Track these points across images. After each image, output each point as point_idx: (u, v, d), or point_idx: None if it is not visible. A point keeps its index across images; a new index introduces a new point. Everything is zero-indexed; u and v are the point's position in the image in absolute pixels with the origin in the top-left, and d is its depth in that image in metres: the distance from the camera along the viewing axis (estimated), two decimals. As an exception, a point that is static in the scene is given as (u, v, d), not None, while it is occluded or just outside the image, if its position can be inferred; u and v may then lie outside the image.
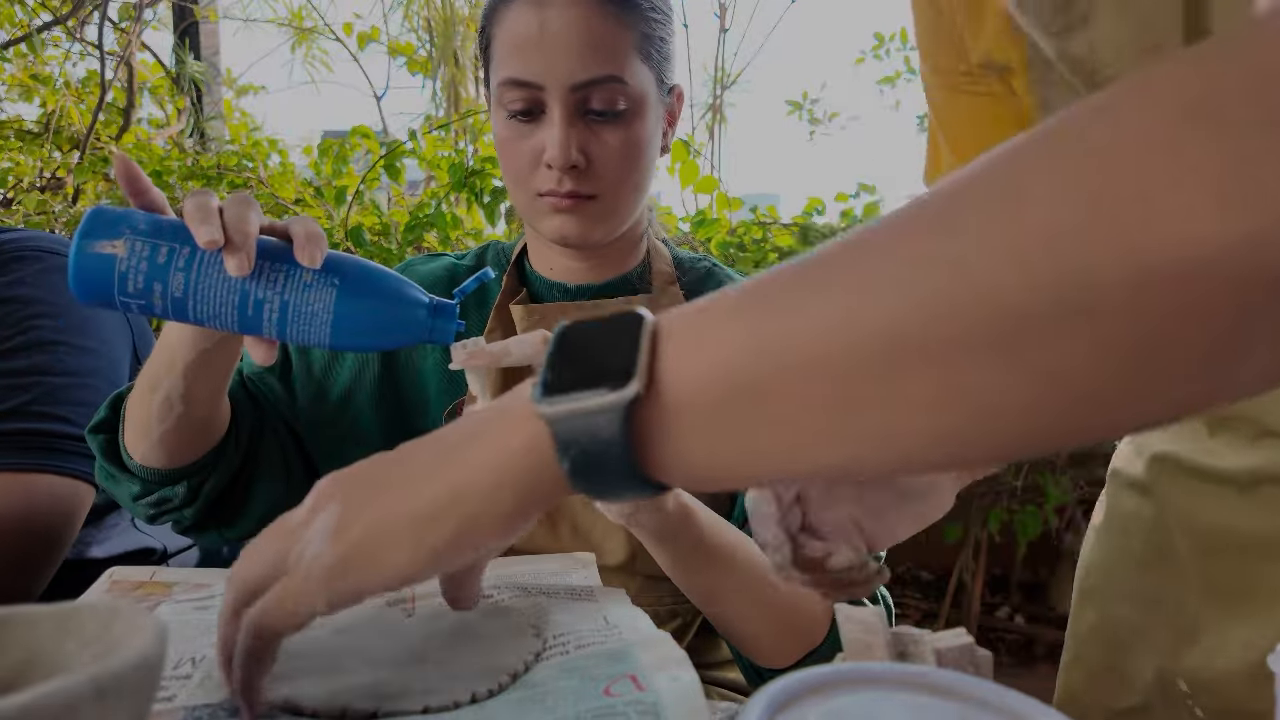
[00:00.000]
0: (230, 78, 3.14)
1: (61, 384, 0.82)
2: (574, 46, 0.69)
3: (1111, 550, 0.70)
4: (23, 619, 0.37)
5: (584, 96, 0.71)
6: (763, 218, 2.10)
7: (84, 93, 2.87)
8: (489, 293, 0.84)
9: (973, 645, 0.35)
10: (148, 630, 0.34)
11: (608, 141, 0.72)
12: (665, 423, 0.32)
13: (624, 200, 0.76)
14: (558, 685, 0.42)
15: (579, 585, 0.58)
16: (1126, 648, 0.67)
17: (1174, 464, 0.66)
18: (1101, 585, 0.71)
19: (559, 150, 0.70)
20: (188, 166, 2.27)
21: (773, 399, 0.30)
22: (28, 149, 2.75)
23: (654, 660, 0.43)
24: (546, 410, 0.33)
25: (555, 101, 0.70)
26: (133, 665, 0.31)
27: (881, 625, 0.35)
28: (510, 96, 0.72)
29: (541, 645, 0.47)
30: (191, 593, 0.58)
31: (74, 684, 0.29)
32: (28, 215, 2.41)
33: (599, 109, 0.71)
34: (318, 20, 3.13)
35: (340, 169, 2.21)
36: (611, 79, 0.70)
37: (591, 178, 0.73)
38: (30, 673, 0.36)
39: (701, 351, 0.32)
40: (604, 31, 0.70)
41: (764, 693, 0.30)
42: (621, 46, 0.71)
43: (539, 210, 0.75)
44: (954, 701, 0.31)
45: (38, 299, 0.85)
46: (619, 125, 0.72)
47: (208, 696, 0.43)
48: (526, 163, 0.73)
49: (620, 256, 0.82)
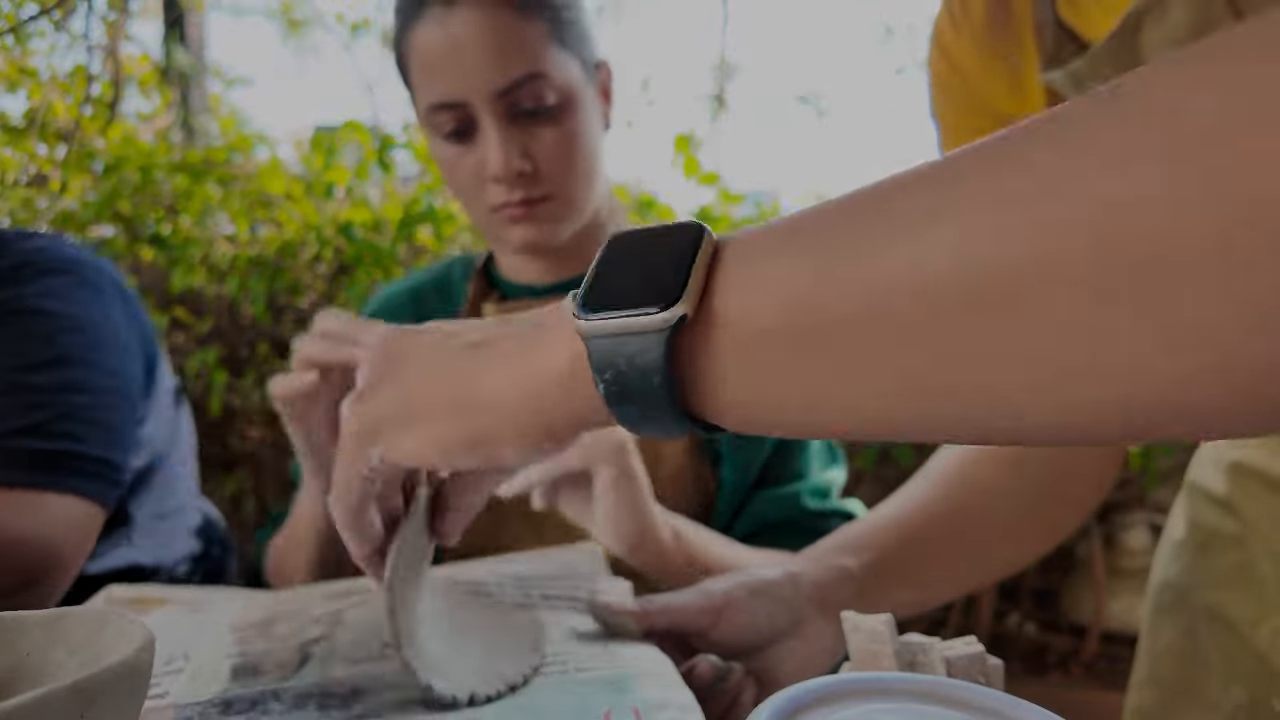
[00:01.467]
0: (218, 71, 3.11)
1: (84, 403, 0.82)
2: (488, 54, 0.68)
3: (1192, 569, 0.66)
4: (10, 625, 0.36)
5: (512, 100, 0.70)
6: (765, 213, 2.09)
7: (70, 86, 2.85)
8: (456, 300, 0.84)
9: (983, 654, 0.35)
10: (135, 637, 0.33)
11: (547, 139, 0.71)
12: (714, 353, 0.29)
13: (578, 193, 0.75)
14: (557, 704, 0.41)
15: (583, 584, 0.57)
16: (1210, 669, 0.63)
17: (1255, 476, 0.61)
18: (1181, 603, 0.67)
19: (501, 162, 0.69)
20: (174, 161, 2.25)
21: (845, 340, 0.26)
22: (13, 143, 2.72)
23: (657, 697, 0.41)
24: (583, 325, 0.30)
25: (484, 114, 0.70)
26: (117, 672, 0.30)
27: (889, 634, 0.34)
28: (439, 120, 0.71)
29: (540, 660, 0.46)
30: (186, 605, 0.57)
31: (57, 691, 0.28)
32: (12, 211, 2.38)
33: (529, 107, 0.70)
34: (308, 11, 3.11)
35: (331, 163, 2.19)
36: (533, 76, 0.69)
37: (540, 180, 0.72)
38: (18, 679, 0.35)
39: (765, 278, 0.28)
40: (513, 30, 0.69)
41: (770, 703, 0.30)
42: (535, 40, 0.70)
43: (498, 224, 0.74)
44: (964, 712, 0.31)
45: (67, 314, 0.84)
46: (554, 120, 0.71)
47: (197, 694, 0.42)
48: (473, 182, 0.73)
49: (588, 249, 0.81)
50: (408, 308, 0.84)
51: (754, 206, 2.13)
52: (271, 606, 0.55)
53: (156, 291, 2.33)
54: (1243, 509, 0.63)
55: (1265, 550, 0.61)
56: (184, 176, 2.19)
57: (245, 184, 2.20)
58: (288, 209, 2.19)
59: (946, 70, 0.61)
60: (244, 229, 2.21)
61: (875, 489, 1.95)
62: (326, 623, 0.50)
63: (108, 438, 0.82)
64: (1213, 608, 0.64)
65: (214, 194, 2.17)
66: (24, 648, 0.36)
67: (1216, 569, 0.64)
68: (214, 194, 2.17)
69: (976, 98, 0.60)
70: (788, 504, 0.75)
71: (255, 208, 2.19)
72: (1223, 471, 0.64)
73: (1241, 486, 0.63)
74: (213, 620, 0.52)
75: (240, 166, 2.23)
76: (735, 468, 0.76)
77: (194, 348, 2.18)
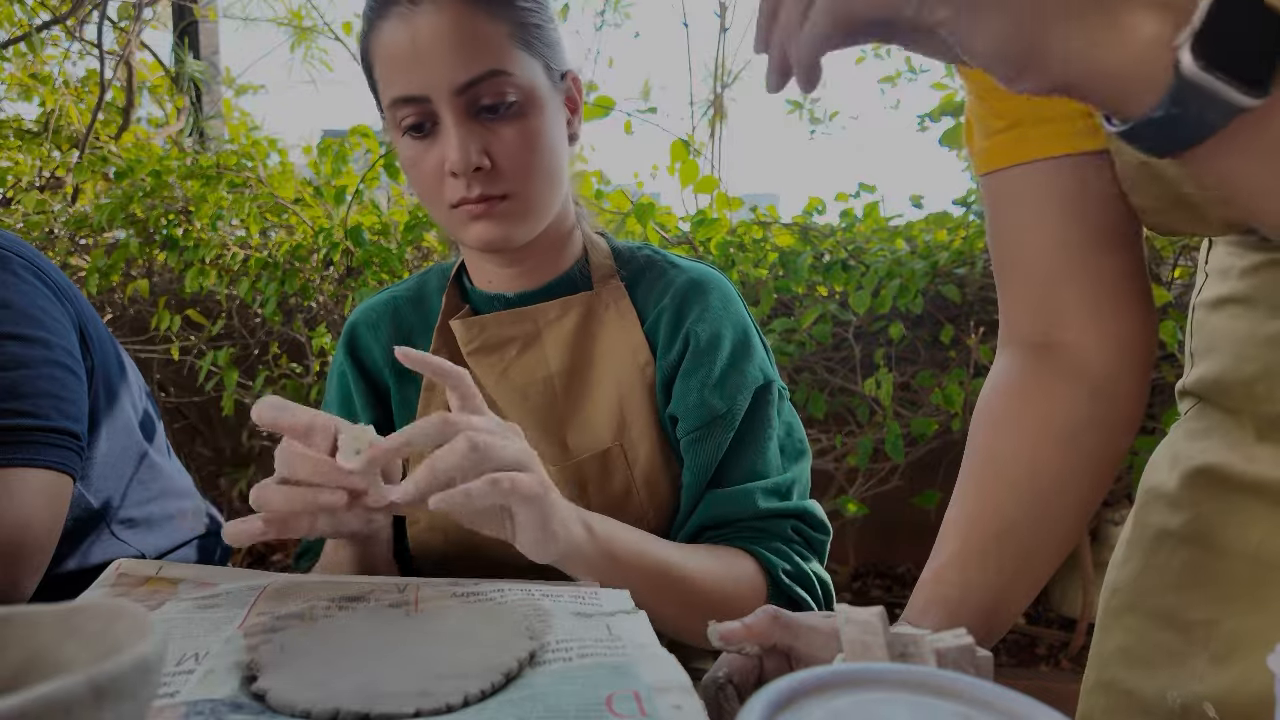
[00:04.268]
0: (229, 77, 3.14)
1: (20, 377, 0.80)
2: (450, 49, 0.69)
3: (1142, 569, 0.67)
4: (25, 618, 0.37)
5: (472, 97, 0.70)
6: (763, 217, 2.09)
7: (83, 92, 2.88)
8: (431, 313, 0.84)
9: (973, 646, 0.35)
10: (148, 631, 0.34)
11: (506, 137, 0.72)
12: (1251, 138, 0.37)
13: (537, 194, 0.75)
14: (558, 689, 0.42)
15: (584, 588, 0.58)
16: (1153, 672, 0.64)
17: (1216, 477, 0.62)
18: (1130, 606, 0.67)
19: (459, 156, 0.70)
20: (187, 166, 2.27)
21: None
22: (27, 148, 2.75)
23: (657, 681, 0.42)
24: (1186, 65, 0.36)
25: (445, 109, 0.70)
26: (130, 667, 0.31)
27: (881, 626, 0.35)
28: (401, 114, 0.72)
29: (536, 646, 0.47)
30: (197, 590, 0.58)
31: (70, 685, 0.29)
32: (26, 214, 2.41)
33: (489, 104, 0.70)
34: (317, 20, 3.12)
35: (340, 168, 2.21)
36: (494, 73, 0.70)
37: (499, 177, 0.72)
38: (32, 672, 0.36)
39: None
40: (475, 29, 0.70)
41: (764, 693, 0.30)
42: (496, 40, 0.70)
43: (457, 221, 0.74)
44: (955, 702, 0.31)
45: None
46: (514, 119, 0.72)
47: (209, 692, 0.43)
48: (433, 178, 0.73)
49: (554, 256, 0.82)
50: (386, 319, 0.85)
51: (751, 210, 2.13)
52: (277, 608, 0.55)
53: (170, 294, 2.35)
54: (1197, 507, 0.63)
55: (1221, 546, 0.60)
56: (196, 181, 2.22)
57: (256, 189, 2.22)
58: (298, 213, 2.20)
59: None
60: (255, 232, 2.23)
61: (868, 485, 1.96)
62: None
63: (60, 408, 0.81)
64: (1164, 609, 0.63)
65: (225, 198, 2.19)
66: (37, 641, 0.37)
67: (1167, 569, 0.64)
68: (225, 198, 2.19)
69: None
70: (738, 502, 0.75)
71: (266, 212, 2.21)
72: (1178, 474, 0.64)
73: (1198, 486, 0.63)
74: (224, 618, 0.53)
75: (252, 171, 2.25)
76: (692, 469, 0.77)
77: (206, 348, 2.20)
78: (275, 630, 0.50)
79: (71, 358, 0.86)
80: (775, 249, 1.96)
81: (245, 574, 0.61)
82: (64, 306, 0.88)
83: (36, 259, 0.88)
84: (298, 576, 0.61)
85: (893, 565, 2.35)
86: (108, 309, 2.41)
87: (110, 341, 0.96)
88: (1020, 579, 0.60)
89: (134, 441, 0.96)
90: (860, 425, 1.92)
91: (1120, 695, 0.65)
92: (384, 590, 0.57)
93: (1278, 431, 0.58)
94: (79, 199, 2.59)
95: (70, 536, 0.87)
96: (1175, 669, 0.61)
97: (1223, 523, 0.60)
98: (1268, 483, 0.58)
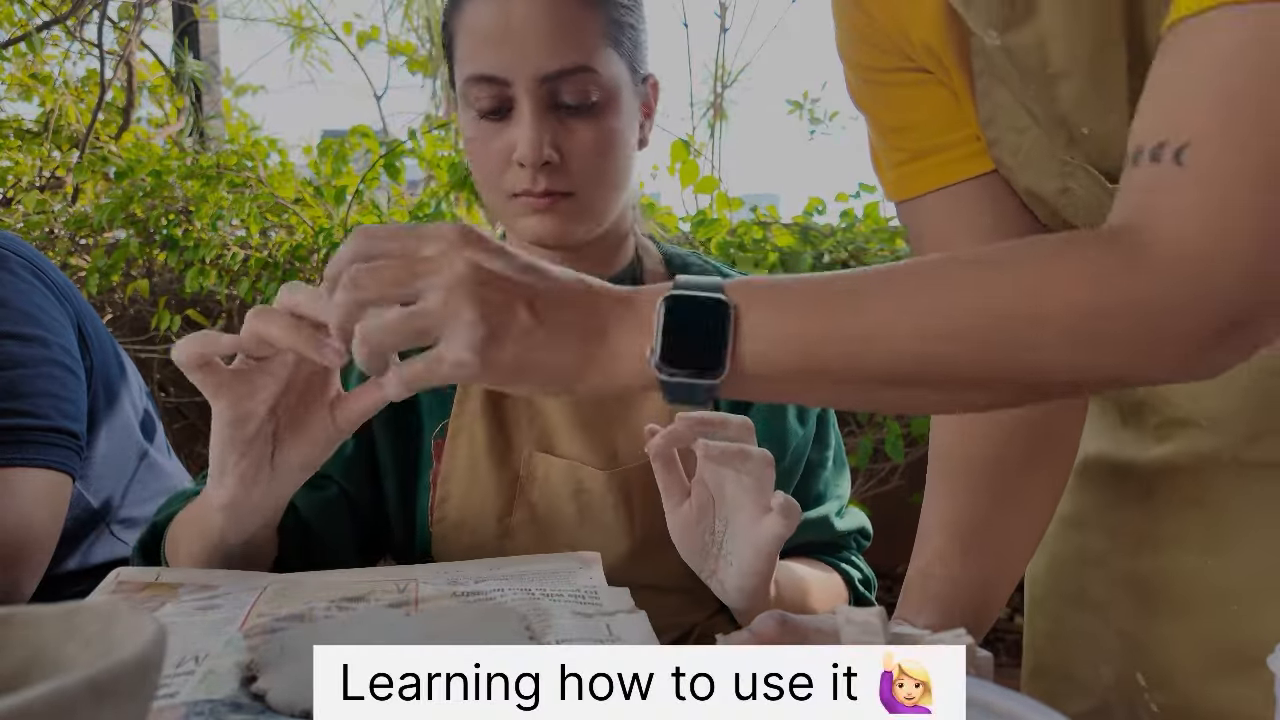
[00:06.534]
0: (229, 77, 3.14)
1: (19, 376, 0.80)
2: (541, 36, 0.66)
3: (1051, 557, 0.71)
4: (26, 618, 0.37)
5: (554, 89, 0.68)
6: (763, 218, 2.10)
7: (83, 92, 2.88)
8: None
9: (973, 646, 0.35)
10: (147, 631, 0.34)
11: (581, 135, 0.69)
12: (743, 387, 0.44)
13: (602, 197, 0.72)
14: None
15: (584, 587, 0.58)
16: (1081, 652, 0.68)
17: (1095, 462, 0.67)
18: (1048, 593, 0.72)
19: (531, 147, 0.67)
20: (187, 166, 2.27)
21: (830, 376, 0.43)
22: (27, 148, 2.75)
23: None
24: (663, 376, 0.44)
25: (524, 96, 0.67)
26: (130, 666, 0.31)
27: (881, 626, 0.35)
28: (477, 94, 0.69)
29: (533, 645, 0.47)
30: (197, 594, 0.58)
31: (70, 684, 0.29)
32: (26, 214, 2.41)
33: (571, 101, 0.68)
34: (317, 20, 3.13)
35: (340, 168, 2.21)
36: (582, 69, 0.68)
37: (566, 174, 0.69)
38: (32, 672, 0.36)
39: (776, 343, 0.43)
40: (571, 19, 0.67)
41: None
42: (590, 34, 0.68)
43: (514, 212, 0.72)
44: (954, 702, 0.31)
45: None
46: (592, 118, 0.69)
47: (209, 693, 0.43)
48: (497, 163, 0.70)
49: (606, 257, 0.78)
50: None
51: (751, 211, 2.14)
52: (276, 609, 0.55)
53: (170, 294, 2.35)
54: (1083, 492, 0.68)
55: (1103, 528, 0.66)
56: (196, 181, 2.21)
57: (256, 189, 2.22)
58: (298, 213, 2.20)
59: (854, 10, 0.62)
60: (255, 232, 2.23)
61: (868, 485, 1.96)
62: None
63: (59, 407, 0.81)
64: (1076, 592, 0.68)
65: (226, 198, 2.19)
66: (38, 641, 0.37)
67: (1069, 555, 0.69)
68: (226, 198, 2.19)
69: (865, 30, 0.61)
70: (819, 529, 0.77)
71: (266, 212, 2.21)
72: (1077, 462, 0.68)
73: (1084, 470, 0.67)
74: (224, 619, 0.53)
75: (252, 171, 2.25)
76: None
77: (206, 351, 2.20)
78: (275, 631, 0.50)
79: (70, 357, 0.86)
80: (775, 249, 1.96)
81: (245, 576, 0.61)
82: (62, 306, 0.88)
83: (35, 258, 0.88)
84: (297, 577, 0.61)
85: (893, 565, 2.34)
86: (108, 309, 2.41)
87: (109, 341, 0.96)
88: (1003, 570, 0.63)
89: (134, 441, 0.96)
90: (860, 425, 1.92)
91: (1058, 680, 0.70)
92: (384, 590, 0.57)
93: (1138, 416, 0.64)
94: (79, 199, 2.59)
95: (70, 536, 0.87)
96: (1098, 647, 0.66)
97: (1100, 506, 0.67)
98: (1135, 464, 0.64)
